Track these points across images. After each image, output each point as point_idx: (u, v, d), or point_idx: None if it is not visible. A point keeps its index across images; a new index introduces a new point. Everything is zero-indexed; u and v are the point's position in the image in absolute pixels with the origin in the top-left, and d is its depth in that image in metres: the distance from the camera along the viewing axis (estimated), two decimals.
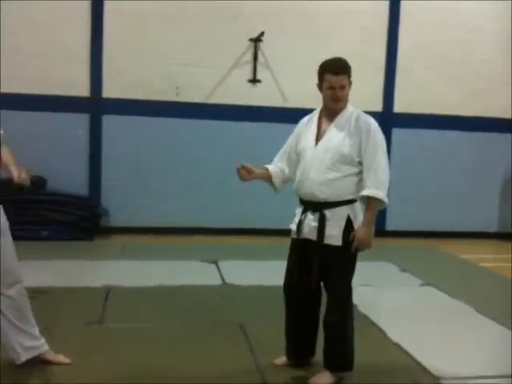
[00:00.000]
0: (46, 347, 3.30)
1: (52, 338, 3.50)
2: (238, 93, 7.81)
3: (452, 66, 8.41)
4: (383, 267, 6.43)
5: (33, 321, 3.25)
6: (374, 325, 4.34)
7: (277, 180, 3.41)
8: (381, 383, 3.36)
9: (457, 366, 3.60)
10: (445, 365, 3.58)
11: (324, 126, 3.17)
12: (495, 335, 4.29)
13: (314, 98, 3.20)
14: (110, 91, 7.66)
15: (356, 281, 5.50)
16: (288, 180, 3.41)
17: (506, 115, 8.68)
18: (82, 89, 7.59)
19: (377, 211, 3.08)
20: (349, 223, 3.09)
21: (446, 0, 8.23)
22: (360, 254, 3.23)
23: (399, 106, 8.41)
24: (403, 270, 6.26)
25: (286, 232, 3.49)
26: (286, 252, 3.40)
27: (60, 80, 7.41)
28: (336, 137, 3.09)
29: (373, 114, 3.29)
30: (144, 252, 6.60)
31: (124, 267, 5.76)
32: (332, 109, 3.16)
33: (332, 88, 3.10)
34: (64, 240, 6.92)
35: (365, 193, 3.02)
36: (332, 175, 3.06)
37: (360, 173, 3.09)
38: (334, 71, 3.10)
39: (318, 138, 3.16)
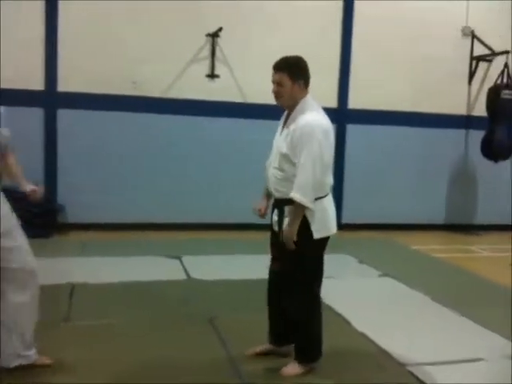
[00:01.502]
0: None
1: None
2: (196, 88, 7.80)
3: (405, 63, 8.69)
4: (342, 259, 6.60)
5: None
6: (338, 315, 4.48)
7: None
8: (349, 371, 3.49)
9: (419, 352, 3.77)
10: (408, 351, 3.75)
11: (285, 124, 3.24)
12: (451, 322, 4.50)
13: (271, 94, 3.24)
14: (65, 85, 7.53)
15: None
16: None
17: (461, 111, 9.05)
18: (37, 82, 7.43)
19: (300, 212, 3.05)
20: (304, 220, 3.09)
21: None
22: None
23: (353, 103, 8.61)
24: (361, 262, 6.46)
25: (249, 226, 3.57)
26: (250, 246, 3.49)
27: (14, 73, 7.21)
28: (283, 137, 3.16)
29: (328, 110, 3.34)
30: (105, 248, 6.55)
31: (86, 264, 5.68)
32: (280, 106, 3.25)
33: (273, 83, 3.20)
34: None
35: (291, 195, 3.03)
36: (279, 174, 3.16)
37: None
38: (274, 67, 3.20)
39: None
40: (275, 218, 3.26)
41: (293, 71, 3.15)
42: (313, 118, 3.09)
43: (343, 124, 8.59)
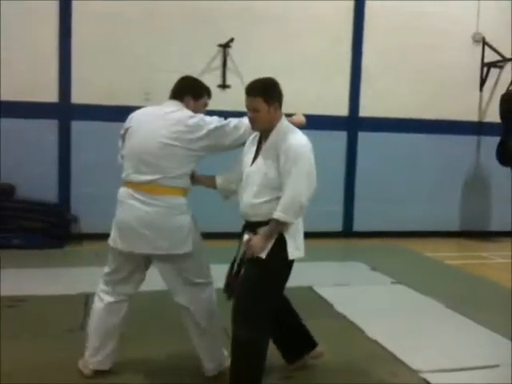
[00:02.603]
0: None
1: (38, 345, 3.52)
2: None
3: (416, 70, 8.70)
4: (354, 267, 6.60)
5: None
6: (351, 323, 4.48)
7: (223, 191, 3.38)
8: (362, 378, 3.50)
9: (432, 359, 3.78)
10: (421, 358, 3.75)
11: (261, 146, 3.10)
12: (465, 329, 4.49)
13: (284, 103, 3.18)
14: (79, 97, 7.63)
15: (329, 280, 5.76)
16: (236, 193, 3.31)
17: (472, 118, 9.04)
18: (51, 94, 7.54)
19: (278, 230, 2.95)
20: (281, 238, 2.98)
21: (411, 3, 8.53)
22: (330, 255, 3.28)
23: (364, 110, 8.62)
24: (373, 269, 6.44)
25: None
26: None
27: (28, 86, 7.34)
28: (263, 160, 3.02)
29: (339, 118, 3.32)
30: None
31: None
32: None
33: (247, 109, 3.03)
34: (35, 248, 6.84)
35: (275, 216, 2.90)
36: (260, 199, 2.99)
37: None
38: (247, 92, 3.03)
39: (255, 159, 3.09)
40: (246, 237, 3.11)
41: (268, 94, 3.00)
42: (300, 138, 3.01)
43: (355, 132, 8.61)
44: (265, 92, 3.01)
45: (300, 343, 3.54)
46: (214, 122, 3.19)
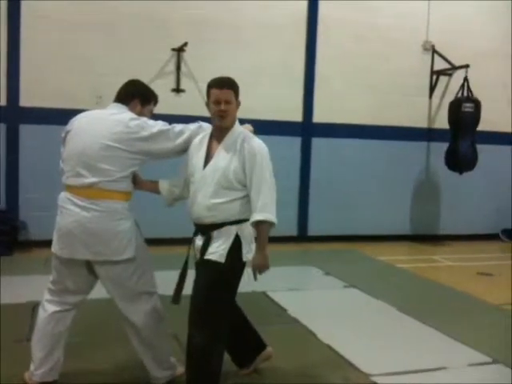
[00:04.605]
0: None
1: None
2: (162, 102, 7.67)
3: (368, 77, 8.84)
4: (307, 271, 6.65)
5: None
6: (304, 327, 4.50)
7: (167, 196, 3.35)
8: (315, 383, 3.51)
9: (385, 362, 3.83)
10: (373, 362, 3.81)
11: (213, 147, 3.08)
12: (416, 332, 4.57)
13: (239, 108, 3.17)
14: (27, 100, 7.42)
15: (283, 285, 5.79)
16: (180, 198, 3.33)
17: (422, 124, 9.26)
18: None
19: (267, 233, 3.00)
20: (237, 241, 3.00)
21: (364, 12, 8.70)
22: (285, 260, 3.30)
23: (318, 116, 8.71)
24: (327, 273, 6.50)
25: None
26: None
27: None
28: (222, 160, 3.00)
29: (294, 123, 3.34)
30: None
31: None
32: (219, 127, 3.07)
33: (217, 102, 3.00)
34: None
35: (259, 217, 2.93)
36: (218, 200, 2.97)
37: (245, 196, 3.01)
38: (219, 85, 3.02)
39: (207, 160, 3.05)
40: (199, 243, 3.07)
41: (237, 90, 3.07)
42: (260, 142, 3.06)
43: (309, 137, 8.68)
44: (234, 87, 3.06)
45: (251, 347, 3.54)
46: (157, 125, 3.14)
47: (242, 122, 3.23)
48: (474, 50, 9.05)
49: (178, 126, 3.21)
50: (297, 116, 8.58)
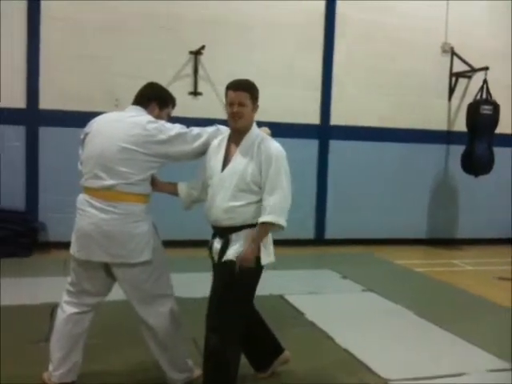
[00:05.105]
0: None
1: (2, 358, 3.43)
2: (179, 105, 7.71)
3: (386, 80, 8.81)
4: (325, 275, 6.62)
5: None
6: (321, 331, 4.48)
7: (184, 199, 3.34)
8: None
9: (403, 367, 3.80)
10: (390, 367, 3.77)
11: (231, 150, 3.08)
12: (434, 337, 4.52)
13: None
14: (46, 102, 7.50)
15: (300, 289, 5.77)
16: (198, 201, 3.32)
17: (441, 127, 9.18)
18: (18, 100, 7.39)
19: (266, 234, 2.99)
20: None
21: (382, 14, 8.64)
22: (302, 263, 3.27)
23: (336, 119, 8.68)
24: (344, 277, 6.46)
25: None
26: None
27: None
28: (240, 163, 2.99)
29: (311, 126, 3.31)
30: None
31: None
32: (234, 129, 3.07)
33: (231, 104, 3.01)
34: (1, 257, 6.66)
35: (267, 219, 2.91)
36: (236, 203, 2.96)
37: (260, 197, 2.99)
38: (234, 87, 3.02)
39: (226, 162, 3.05)
40: (218, 246, 3.07)
41: (253, 93, 3.04)
42: (278, 145, 3.04)
43: (326, 140, 8.66)
44: (251, 89, 3.04)
45: (268, 351, 3.53)
46: (174, 128, 3.14)
47: (259, 124, 3.23)
48: (494, 52, 8.96)
49: (196, 129, 3.21)
50: (314, 118, 8.56)
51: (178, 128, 3.16)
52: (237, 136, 3.08)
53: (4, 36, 7.28)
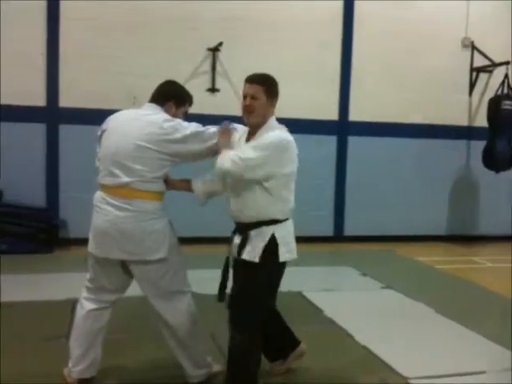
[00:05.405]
0: None
1: (23, 353, 3.46)
2: (197, 102, 7.74)
3: (405, 75, 8.72)
4: (344, 272, 6.59)
5: None
6: (341, 328, 4.46)
7: (200, 196, 3.30)
8: None
9: (423, 365, 3.76)
10: (412, 365, 3.74)
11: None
12: (454, 334, 4.48)
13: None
14: (66, 101, 7.58)
15: (319, 286, 5.75)
16: (214, 195, 3.29)
17: (462, 122, 9.07)
18: (39, 98, 7.48)
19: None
20: (273, 241, 2.96)
21: (400, 8, 8.56)
22: (320, 260, 3.25)
23: (354, 115, 8.63)
24: (363, 274, 6.43)
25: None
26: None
27: (16, 89, 7.27)
28: None
29: (329, 122, 3.27)
30: None
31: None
32: (248, 123, 3.03)
33: (244, 97, 2.98)
34: (22, 253, 6.78)
35: (224, 158, 2.92)
36: (250, 197, 2.95)
37: (281, 195, 2.96)
38: (249, 80, 3.00)
39: None
40: (237, 241, 3.04)
41: (269, 87, 3.00)
42: (286, 134, 2.99)
43: (344, 136, 8.61)
44: (266, 83, 3.01)
45: (284, 344, 3.52)
46: (190, 127, 3.12)
47: (278, 121, 3.20)
48: None
49: (212, 128, 3.20)
50: (332, 114, 8.52)
51: (193, 127, 3.14)
52: (252, 130, 3.06)
53: (24, 35, 7.36)
